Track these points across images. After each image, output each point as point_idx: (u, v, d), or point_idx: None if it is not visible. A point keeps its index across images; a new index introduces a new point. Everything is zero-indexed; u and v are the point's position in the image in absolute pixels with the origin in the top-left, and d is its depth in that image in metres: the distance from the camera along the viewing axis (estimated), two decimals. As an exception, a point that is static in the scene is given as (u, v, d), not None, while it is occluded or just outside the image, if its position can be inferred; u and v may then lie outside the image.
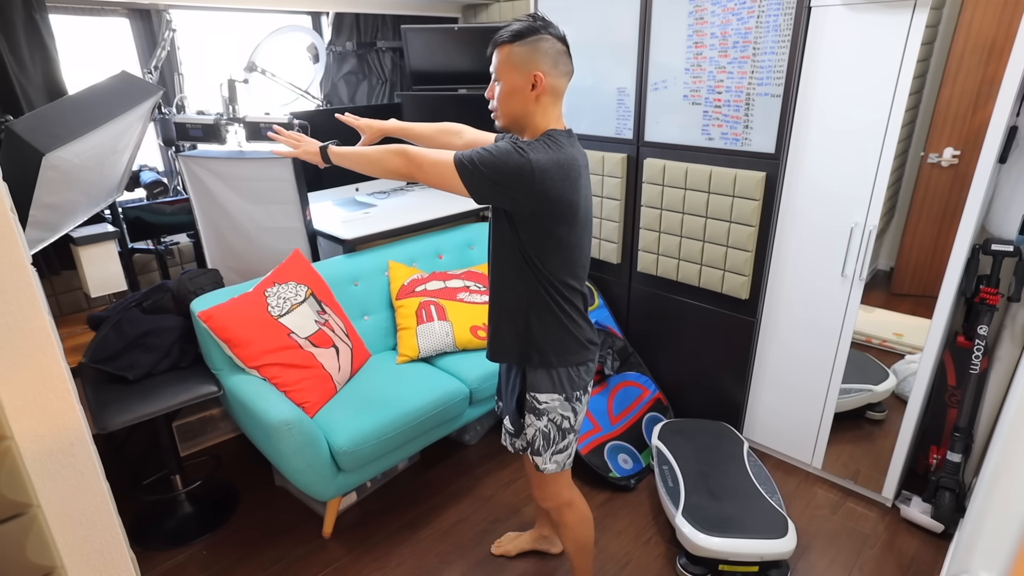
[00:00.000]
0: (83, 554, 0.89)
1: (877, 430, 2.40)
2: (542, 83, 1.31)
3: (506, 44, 1.32)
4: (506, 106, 1.35)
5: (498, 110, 1.37)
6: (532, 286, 1.39)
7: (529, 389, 1.47)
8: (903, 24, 1.73)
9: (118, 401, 1.82)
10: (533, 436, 1.49)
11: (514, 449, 1.67)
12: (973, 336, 1.91)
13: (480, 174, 1.26)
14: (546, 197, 1.28)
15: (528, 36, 1.31)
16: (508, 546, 1.97)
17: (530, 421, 1.48)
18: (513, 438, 1.66)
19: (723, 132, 2.13)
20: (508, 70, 1.32)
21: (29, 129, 1.55)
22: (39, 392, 0.80)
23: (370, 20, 3.02)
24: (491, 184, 1.27)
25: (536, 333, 1.41)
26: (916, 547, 1.97)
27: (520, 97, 1.33)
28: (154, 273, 2.56)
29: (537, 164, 1.25)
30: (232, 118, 2.32)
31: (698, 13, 2.07)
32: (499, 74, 1.34)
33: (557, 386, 1.44)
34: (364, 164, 1.40)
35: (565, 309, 1.41)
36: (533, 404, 1.46)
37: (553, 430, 1.47)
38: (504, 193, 1.28)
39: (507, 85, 1.33)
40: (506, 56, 1.32)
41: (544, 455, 1.50)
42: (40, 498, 0.82)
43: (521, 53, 1.31)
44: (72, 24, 2.27)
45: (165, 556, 1.97)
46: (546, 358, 1.42)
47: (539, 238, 1.34)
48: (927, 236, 2.56)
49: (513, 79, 1.32)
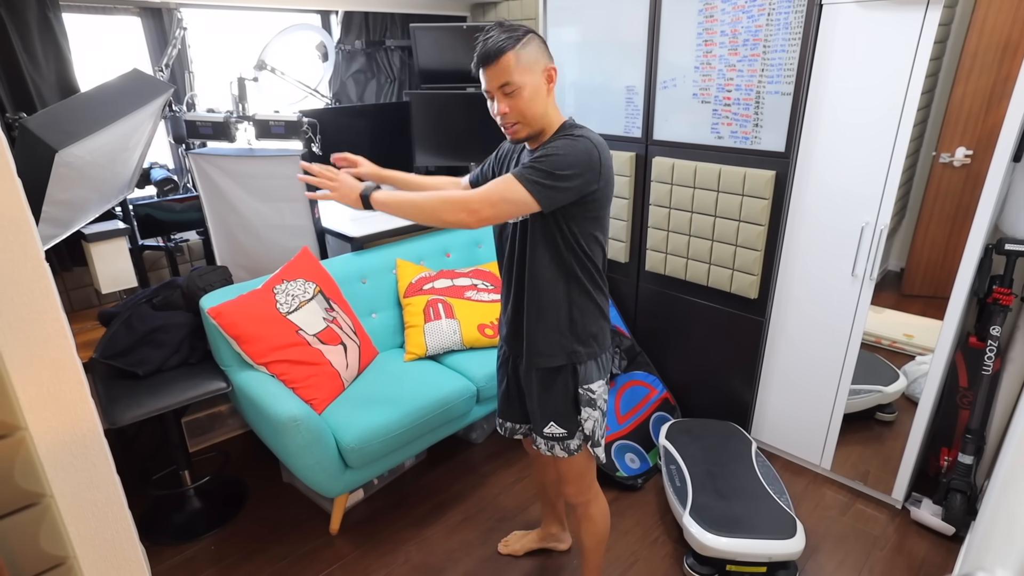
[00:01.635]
0: (95, 545, 0.89)
1: (887, 431, 2.38)
2: (556, 75, 1.32)
3: (509, 50, 1.26)
4: (532, 111, 1.30)
5: (523, 119, 1.31)
6: (575, 278, 1.38)
7: (582, 383, 1.43)
8: (916, 22, 1.71)
9: (128, 396, 1.83)
10: (592, 428, 1.46)
11: (568, 452, 1.49)
12: (986, 337, 1.89)
13: (555, 180, 1.24)
14: (606, 175, 1.30)
15: (522, 37, 1.28)
16: (515, 545, 1.97)
17: (587, 415, 1.45)
18: (566, 440, 1.48)
19: (732, 130, 2.12)
20: (524, 73, 1.28)
21: (42, 126, 1.56)
22: (53, 384, 0.81)
23: (379, 19, 3.03)
24: (565, 186, 1.25)
25: (580, 327, 1.41)
26: (926, 550, 1.96)
27: (541, 97, 1.31)
28: (164, 270, 2.57)
29: (597, 141, 1.28)
30: (242, 116, 2.33)
31: (708, 11, 2.06)
32: (515, 81, 1.28)
33: (603, 371, 1.46)
34: (415, 213, 1.32)
35: (600, 294, 1.42)
36: (588, 397, 1.44)
37: (600, 416, 1.47)
38: (575, 187, 1.26)
39: (528, 89, 1.29)
40: (515, 62, 1.27)
41: (601, 444, 1.50)
42: (53, 488, 0.83)
43: (527, 54, 1.28)
44: (84, 23, 2.29)
45: (174, 551, 1.98)
46: (591, 348, 1.42)
47: (588, 224, 1.33)
48: (938, 236, 2.54)
49: (533, 81, 1.29)
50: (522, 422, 1.65)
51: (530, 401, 1.53)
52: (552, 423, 1.48)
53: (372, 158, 2.95)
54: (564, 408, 1.46)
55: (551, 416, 1.47)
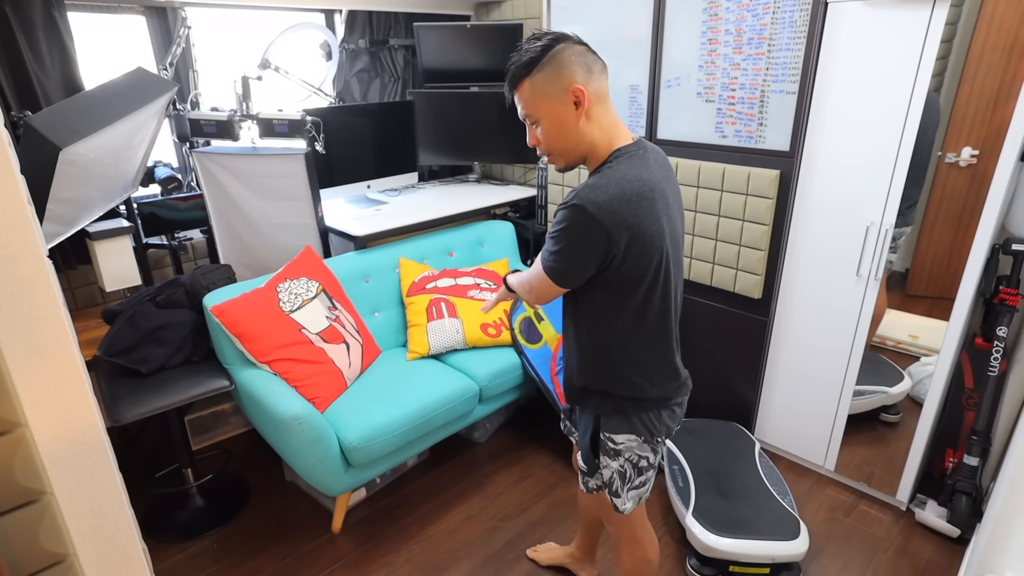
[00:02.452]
0: (95, 542, 0.89)
1: (891, 432, 2.37)
2: (585, 96, 1.12)
3: (525, 79, 1.12)
4: (559, 142, 1.16)
5: (553, 150, 1.18)
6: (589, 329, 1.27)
7: (604, 430, 1.33)
8: (922, 21, 1.70)
9: (131, 394, 1.83)
10: (611, 478, 1.36)
11: (586, 488, 1.45)
12: (992, 337, 1.88)
13: (563, 260, 1.12)
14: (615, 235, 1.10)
15: (541, 57, 1.11)
16: (543, 555, 1.92)
17: (605, 463, 1.35)
18: (585, 477, 1.43)
19: (737, 129, 2.11)
20: (540, 103, 1.13)
21: (47, 124, 1.56)
22: (54, 381, 0.81)
23: (383, 18, 3.03)
24: (577, 264, 1.13)
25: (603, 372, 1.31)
26: (931, 551, 1.94)
27: (569, 126, 1.14)
28: (168, 268, 2.58)
29: (592, 205, 1.07)
30: (246, 115, 2.34)
31: (712, 10, 2.05)
32: (533, 113, 1.15)
33: (637, 428, 1.31)
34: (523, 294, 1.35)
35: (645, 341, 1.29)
36: (608, 447, 1.33)
37: (621, 469, 1.34)
38: (587, 260, 1.12)
39: (550, 119, 1.14)
40: (530, 91, 1.13)
41: (622, 495, 1.37)
42: (54, 486, 0.83)
43: (545, 78, 1.12)
44: (89, 21, 2.30)
45: (176, 548, 1.99)
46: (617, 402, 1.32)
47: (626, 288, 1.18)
48: (944, 237, 2.52)
49: (553, 110, 1.13)
50: None
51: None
52: (580, 452, 1.42)
53: (376, 157, 2.98)
54: (586, 444, 1.38)
55: (580, 446, 1.42)
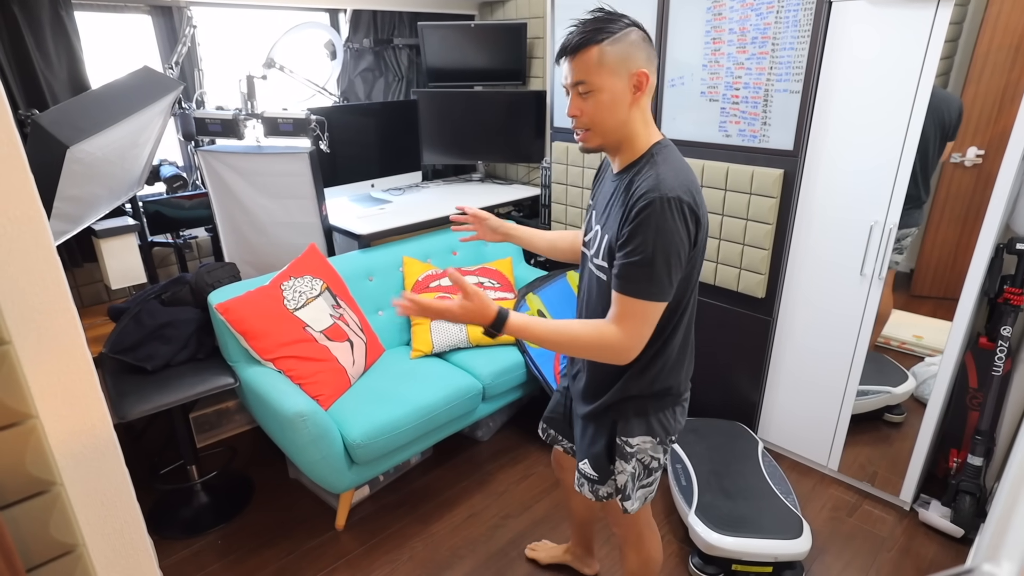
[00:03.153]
0: (104, 534, 0.90)
1: (895, 432, 2.36)
2: (647, 82, 1.11)
3: (594, 45, 1.08)
4: (608, 119, 1.13)
5: (595, 126, 1.14)
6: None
7: (620, 434, 1.30)
8: (926, 20, 1.70)
9: (137, 391, 1.85)
10: (625, 483, 1.32)
11: (596, 497, 1.39)
12: (996, 337, 1.88)
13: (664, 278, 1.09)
14: (704, 223, 1.13)
15: (615, 32, 1.09)
16: (542, 553, 1.91)
17: (620, 467, 1.32)
18: (596, 485, 1.38)
19: (740, 129, 2.11)
20: (604, 75, 1.09)
21: (54, 122, 1.58)
22: (64, 373, 0.82)
23: (387, 17, 3.04)
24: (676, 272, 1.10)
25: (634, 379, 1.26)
26: (934, 551, 1.94)
27: (622, 105, 1.12)
28: (173, 266, 2.59)
29: (676, 192, 1.07)
30: (250, 114, 2.35)
31: (716, 9, 2.06)
32: (592, 81, 1.10)
33: (653, 430, 1.30)
34: (559, 350, 1.18)
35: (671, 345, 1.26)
36: (624, 450, 1.30)
37: (635, 472, 1.32)
38: (681, 252, 1.10)
39: (607, 93, 1.10)
40: (597, 59, 1.08)
41: (633, 499, 1.34)
42: (63, 477, 0.84)
43: (615, 52, 1.08)
44: (96, 21, 2.31)
45: (181, 544, 2.00)
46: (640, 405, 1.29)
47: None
48: (949, 237, 2.51)
49: (613, 84, 1.10)
50: (568, 439, 1.54)
51: (576, 427, 1.44)
52: (586, 461, 1.37)
53: (380, 156, 2.99)
54: (599, 451, 1.34)
55: (587, 455, 1.37)
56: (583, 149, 1.20)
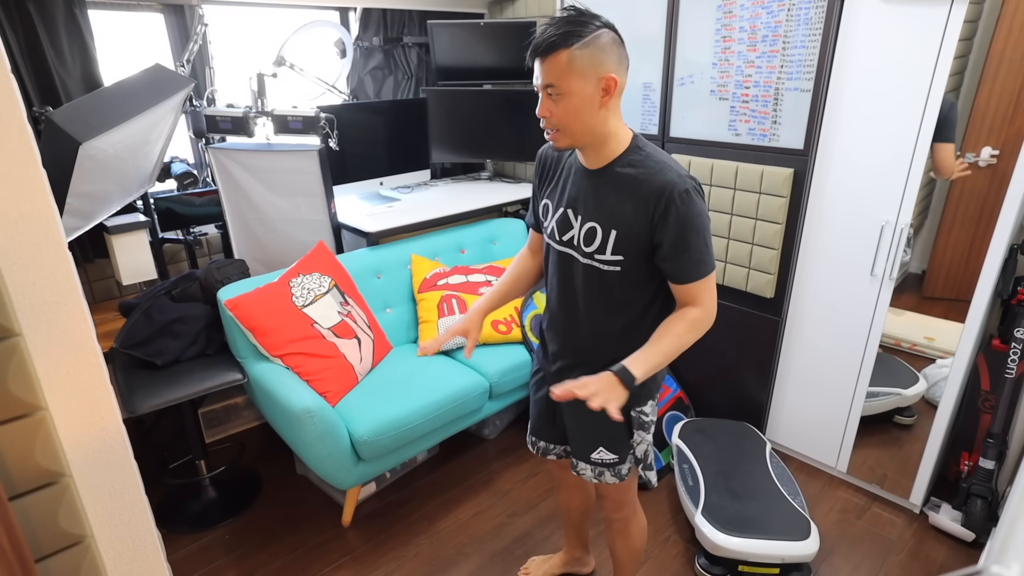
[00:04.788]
0: (112, 526, 0.91)
1: (905, 435, 2.34)
2: (615, 87, 1.14)
3: (563, 49, 1.09)
4: (578, 122, 1.15)
5: (565, 128, 1.17)
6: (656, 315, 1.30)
7: (635, 405, 1.33)
8: (940, 18, 1.68)
9: (146, 386, 1.86)
10: (645, 451, 1.37)
11: (620, 478, 1.39)
12: (1009, 339, 1.85)
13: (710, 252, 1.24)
14: None
15: (585, 35, 1.09)
16: (536, 572, 1.85)
17: (640, 437, 1.36)
18: (618, 466, 1.38)
19: (750, 128, 2.10)
20: (573, 79, 1.11)
21: (67, 119, 1.59)
22: (73, 365, 0.83)
23: (397, 16, 3.05)
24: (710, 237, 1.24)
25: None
26: (944, 555, 1.92)
27: (591, 108, 1.14)
28: (183, 263, 2.61)
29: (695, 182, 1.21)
30: (261, 111, 2.36)
31: (727, 7, 2.04)
32: (561, 86, 1.11)
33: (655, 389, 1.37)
34: (675, 356, 1.25)
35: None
36: (641, 419, 1.35)
37: (651, 438, 1.40)
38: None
39: (576, 98, 1.12)
40: (566, 63, 1.09)
41: (653, 467, 1.41)
42: (72, 469, 0.85)
43: (584, 56, 1.09)
44: (109, 19, 2.34)
45: (189, 539, 2.02)
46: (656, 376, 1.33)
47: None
48: (962, 238, 2.48)
49: (581, 89, 1.12)
50: (558, 443, 1.53)
51: (572, 422, 1.41)
52: (602, 448, 1.36)
53: (389, 154, 2.99)
54: (615, 432, 1.34)
55: (601, 441, 1.36)
56: (554, 148, 1.25)
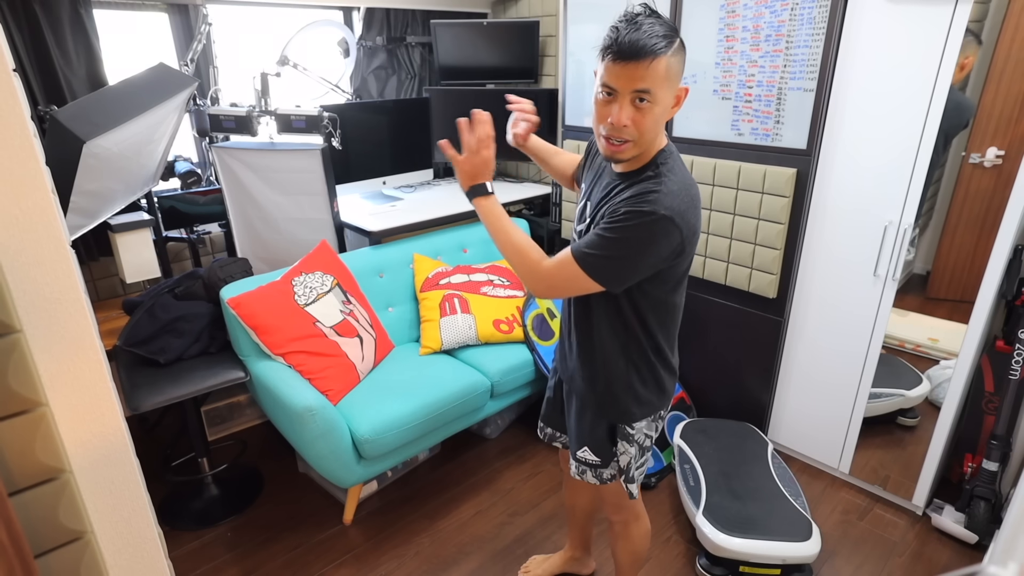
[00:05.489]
0: (112, 522, 0.92)
1: (908, 436, 2.33)
2: (685, 97, 1.10)
3: (662, 55, 1.01)
4: (652, 132, 1.08)
5: (641, 138, 1.08)
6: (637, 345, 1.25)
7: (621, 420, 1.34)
8: (944, 18, 1.67)
9: (149, 384, 1.87)
10: (628, 463, 1.36)
11: (600, 480, 1.41)
12: (1013, 340, 1.84)
13: (622, 262, 1.08)
14: (689, 242, 1.11)
15: (675, 42, 1.03)
16: (536, 571, 1.86)
17: (623, 448, 1.35)
18: (599, 469, 1.40)
19: (753, 127, 2.09)
20: (666, 87, 1.04)
21: (71, 118, 1.60)
22: (73, 362, 0.83)
23: (400, 15, 3.06)
24: (634, 267, 1.08)
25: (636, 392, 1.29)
26: (947, 557, 1.91)
27: (664, 119, 1.09)
28: (186, 261, 2.63)
29: (675, 213, 1.05)
30: (264, 110, 2.37)
31: (730, 6, 2.04)
32: (657, 93, 1.04)
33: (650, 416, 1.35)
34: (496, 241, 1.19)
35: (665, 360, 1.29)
36: (626, 432, 1.34)
37: (637, 453, 1.37)
38: (649, 265, 1.10)
39: (660, 107, 1.06)
40: (664, 70, 1.02)
41: (636, 480, 1.40)
42: (73, 465, 0.85)
43: (675, 65, 1.04)
44: (114, 18, 2.35)
45: (191, 536, 2.02)
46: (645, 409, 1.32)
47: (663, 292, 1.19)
48: (967, 239, 2.46)
49: (666, 98, 1.06)
50: (564, 432, 1.56)
51: (568, 420, 1.46)
52: (586, 448, 1.39)
53: (392, 153, 3.00)
54: (599, 437, 1.36)
55: (586, 441, 1.38)
56: (611, 159, 1.13)
